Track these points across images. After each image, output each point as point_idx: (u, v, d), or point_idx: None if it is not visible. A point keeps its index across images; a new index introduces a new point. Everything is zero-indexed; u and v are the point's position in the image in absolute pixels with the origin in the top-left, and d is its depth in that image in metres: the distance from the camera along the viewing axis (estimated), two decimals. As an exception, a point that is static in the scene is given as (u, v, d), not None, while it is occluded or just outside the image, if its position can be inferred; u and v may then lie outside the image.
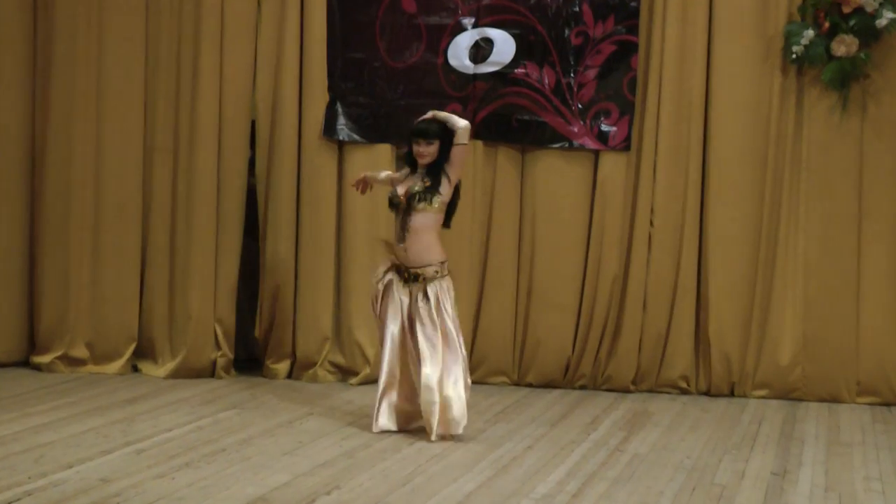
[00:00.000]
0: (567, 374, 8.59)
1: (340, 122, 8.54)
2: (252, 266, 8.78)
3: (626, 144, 8.42)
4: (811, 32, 8.12)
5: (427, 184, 6.96)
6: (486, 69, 8.48)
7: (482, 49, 8.49)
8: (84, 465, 6.07)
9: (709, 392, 8.46)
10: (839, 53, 8.12)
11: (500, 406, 7.87)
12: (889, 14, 8.03)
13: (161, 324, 8.65)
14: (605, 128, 8.41)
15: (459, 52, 8.49)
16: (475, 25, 8.49)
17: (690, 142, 8.38)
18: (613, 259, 8.44)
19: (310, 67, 8.55)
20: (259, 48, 8.57)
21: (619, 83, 8.40)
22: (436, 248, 7.00)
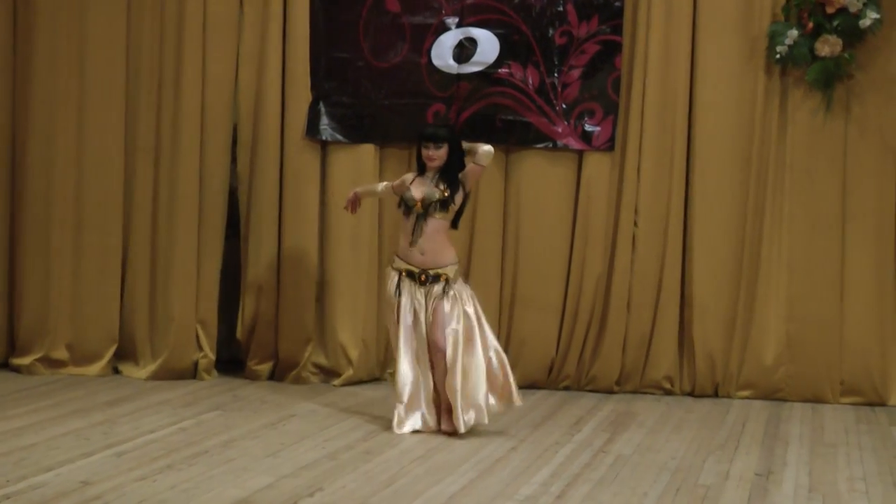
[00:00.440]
0: (551, 375, 8.59)
1: (323, 122, 8.52)
2: (234, 267, 8.76)
3: (611, 144, 8.43)
4: (795, 32, 8.15)
5: (445, 193, 7.09)
6: (470, 69, 8.47)
7: (466, 49, 8.48)
8: (64, 468, 6.05)
9: (693, 393, 8.47)
10: (823, 54, 8.14)
11: (484, 407, 7.86)
12: (873, 14, 8.05)
13: (142, 325, 8.62)
14: (589, 128, 8.41)
15: (443, 52, 8.49)
16: (459, 25, 8.48)
17: (675, 142, 8.39)
18: (597, 259, 8.45)
19: (293, 67, 8.53)
20: (241, 48, 8.55)
21: (604, 83, 8.40)
22: (451, 249, 7.22)
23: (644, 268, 8.43)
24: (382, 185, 7.54)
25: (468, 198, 7.29)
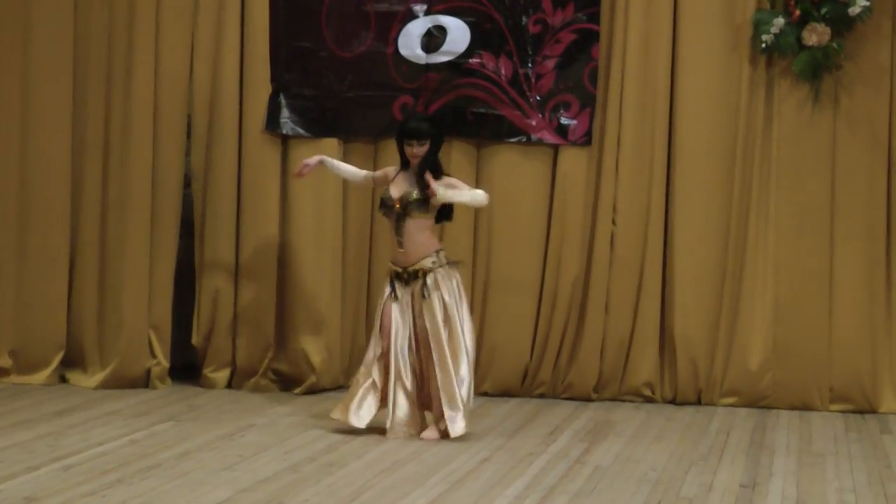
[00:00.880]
0: (525, 382, 8.60)
1: (284, 115, 8.51)
2: (189, 268, 8.73)
3: (587, 139, 8.44)
4: (781, 21, 8.18)
5: (424, 194, 7.19)
6: (439, 59, 8.48)
7: (435, 38, 8.49)
8: (8, 483, 6.01)
9: (675, 400, 8.50)
10: (811, 43, 8.18)
11: (455, 416, 7.87)
12: (862, 2, 8.09)
13: (91, 330, 8.59)
14: (565, 121, 8.43)
15: (411, 41, 8.49)
16: (427, 13, 8.49)
17: (655, 136, 8.41)
18: (574, 260, 8.46)
19: (251, 57, 8.52)
20: (196, 36, 8.54)
21: (580, 74, 8.42)
22: (432, 242, 7.31)
23: (623, 268, 8.44)
24: (364, 174, 7.64)
25: None
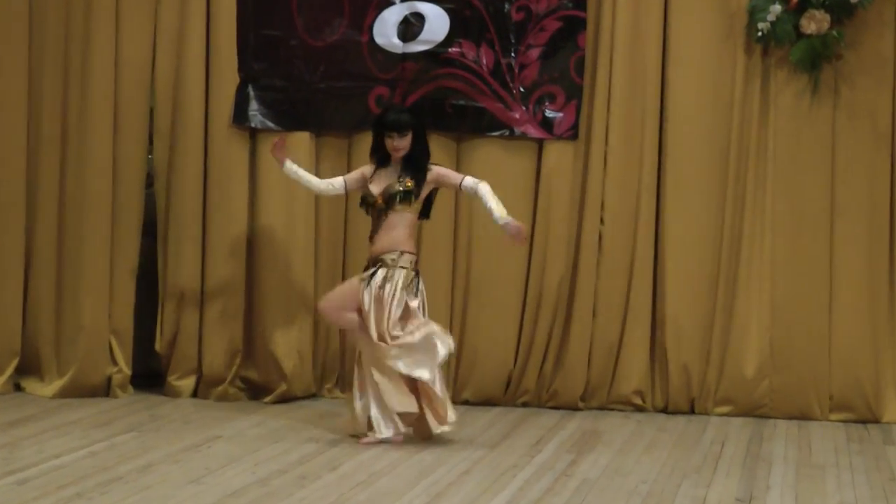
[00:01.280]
0: (508, 390, 8.59)
1: (252, 108, 8.49)
2: (152, 270, 8.70)
3: (574, 133, 8.43)
4: (778, 7, 8.18)
5: (409, 185, 7.27)
6: (417, 48, 8.47)
7: (412, 26, 8.48)
8: (-41, 498, 5.99)
9: (666, 409, 8.50)
10: (809, 31, 8.18)
11: (434, 426, 7.85)
12: (863, -12, 8.11)
13: (48, 336, 8.56)
14: (550, 114, 8.42)
15: (386, 29, 8.48)
16: (404, -1, 8.49)
17: (645, 130, 8.41)
18: (559, 261, 8.45)
19: (217, 46, 8.50)
20: (159, 24, 8.52)
21: (566, 64, 8.41)
22: (409, 241, 7.36)
23: (611, 270, 8.44)
24: (330, 183, 7.66)
25: (436, 191, 7.48)
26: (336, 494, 6.24)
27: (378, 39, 8.48)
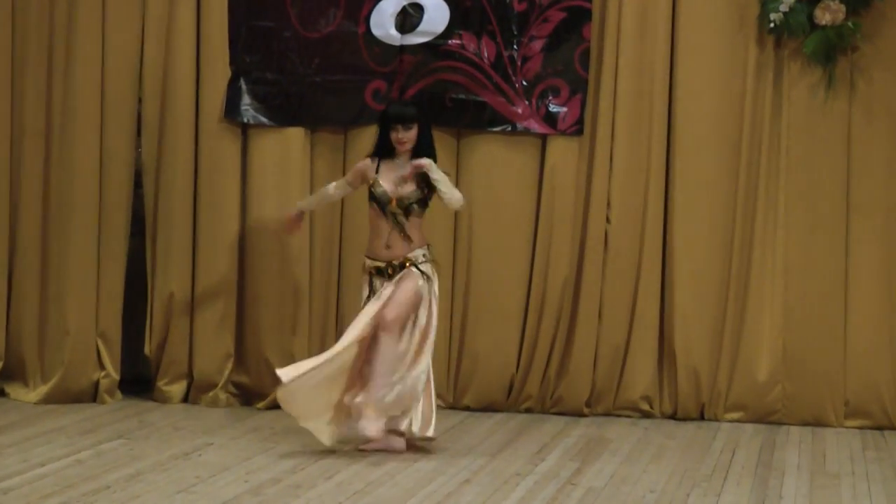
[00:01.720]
0: (511, 395, 8.59)
1: (245, 102, 8.49)
2: (140, 270, 8.69)
3: (579, 128, 8.43)
4: (791, -2, 8.19)
5: (424, 192, 7.33)
6: (416, 40, 8.47)
7: (410, 16, 8.48)
8: (-61, 508, 5.99)
9: (675, 415, 8.50)
10: (823, 22, 8.18)
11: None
12: (880, -23, 8.11)
13: (32, 339, 8.56)
14: (554, 108, 8.41)
15: (384, 21, 8.48)
16: (402, -11, 8.49)
17: (652, 125, 8.41)
18: (564, 261, 8.45)
19: (208, 37, 8.50)
20: (147, 13, 8.51)
21: (570, 56, 8.41)
22: (420, 238, 7.43)
23: (618, 270, 8.44)
24: (334, 186, 7.68)
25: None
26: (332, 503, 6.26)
27: (375, 31, 8.48)
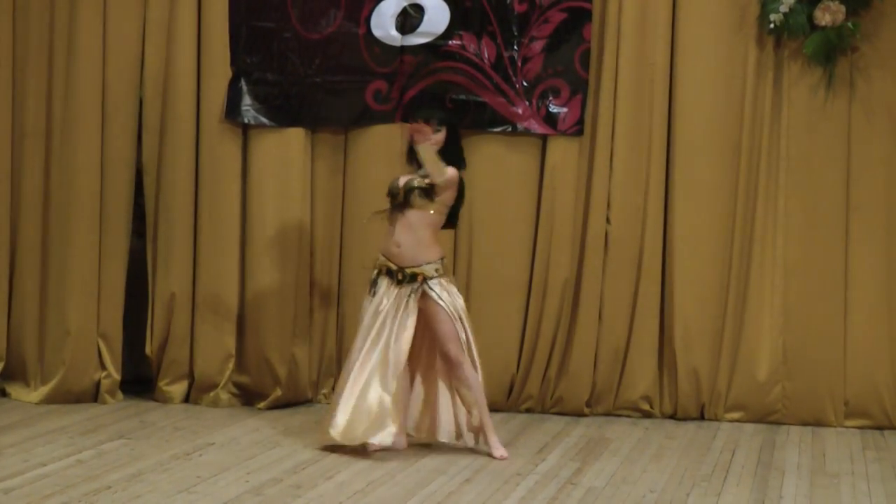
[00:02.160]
0: (511, 396, 8.60)
1: (245, 103, 8.49)
2: (142, 271, 8.70)
3: (579, 128, 8.44)
4: (791, -2, 8.21)
5: (428, 182, 7.22)
6: (416, 41, 8.47)
7: (411, 17, 8.48)
8: (-59, 507, 6.01)
9: (675, 415, 8.51)
10: (823, 23, 8.18)
11: (434, 433, 7.87)
12: (880, -23, 8.13)
13: (33, 339, 8.56)
14: (555, 109, 8.42)
15: (384, 21, 8.48)
16: (402, -10, 8.50)
17: (652, 125, 8.41)
18: (564, 262, 8.46)
19: (209, 38, 8.49)
20: (148, 14, 8.50)
21: (571, 57, 8.41)
22: (434, 247, 7.32)
23: (618, 271, 8.45)
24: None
25: (464, 192, 7.42)
26: (332, 504, 6.28)
27: (375, 32, 8.49)
